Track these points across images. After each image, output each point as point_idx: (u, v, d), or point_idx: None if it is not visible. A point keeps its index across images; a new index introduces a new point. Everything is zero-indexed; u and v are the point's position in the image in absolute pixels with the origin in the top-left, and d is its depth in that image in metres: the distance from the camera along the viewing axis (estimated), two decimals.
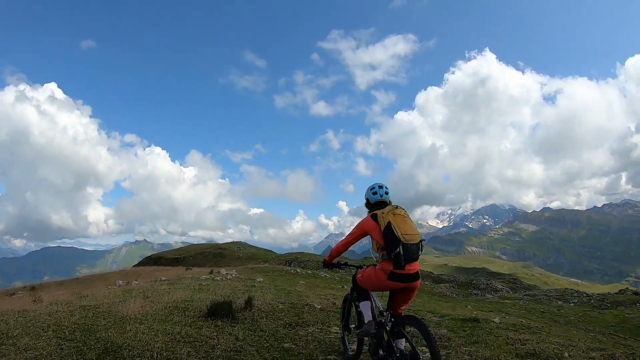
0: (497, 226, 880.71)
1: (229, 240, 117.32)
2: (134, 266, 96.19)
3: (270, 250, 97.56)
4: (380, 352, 6.33)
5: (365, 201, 7.15)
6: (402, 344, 6.24)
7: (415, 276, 6.22)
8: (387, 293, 6.73)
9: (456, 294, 38.80)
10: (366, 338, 7.10)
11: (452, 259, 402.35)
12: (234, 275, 24.35)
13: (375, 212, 6.60)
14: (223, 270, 27.59)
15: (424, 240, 6.55)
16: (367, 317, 6.63)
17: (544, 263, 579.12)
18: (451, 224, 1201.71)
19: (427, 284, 44.35)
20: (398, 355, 6.09)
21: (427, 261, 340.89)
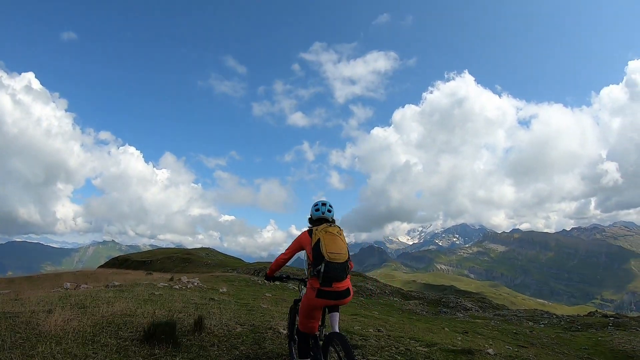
0: (467, 245, 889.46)
1: (198, 245, 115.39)
2: (99, 267, 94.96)
3: (239, 259, 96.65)
4: None
5: (309, 216, 7.29)
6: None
7: (345, 293, 6.39)
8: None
9: (426, 312, 38.62)
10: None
11: (421, 275, 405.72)
12: (195, 284, 22.83)
13: (312, 228, 6.75)
14: (185, 278, 25.41)
15: (350, 259, 6.69)
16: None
17: (512, 283, 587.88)
18: (421, 240, 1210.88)
19: (396, 300, 44.06)
20: None
21: (396, 277, 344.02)
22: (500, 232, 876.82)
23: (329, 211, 7.03)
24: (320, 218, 7.02)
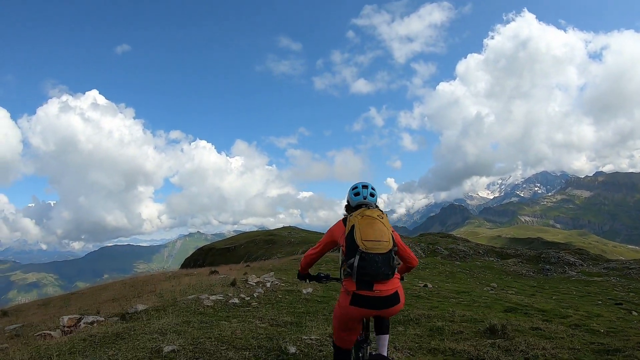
0: (550, 194, 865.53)
1: (280, 225, 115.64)
2: (187, 258, 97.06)
3: (322, 233, 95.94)
4: None
5: (345, 203, 5.50)
6: (386, 349, 5.59)
7: (392, 299, 4.54)
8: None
9: (532, 272, 36.72)
10: None
11: (505, 230, 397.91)
12: (268, 285, 17.14)
13: (348, 215, 4.97)
14: (253, 278, 18.51)
15: (395, 249, 4.67)
16: None
17: (600, 230, 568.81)
18: (502, 194, 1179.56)
19: (492, 260, 42.12)
20: None
21: (480, 233, 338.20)
22: (583, 176, 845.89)
23: (372, 195, 5.21)
24: (362, 204, 5.12)
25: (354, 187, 5.27)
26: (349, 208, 5.28)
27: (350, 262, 4.43)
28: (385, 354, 5.45)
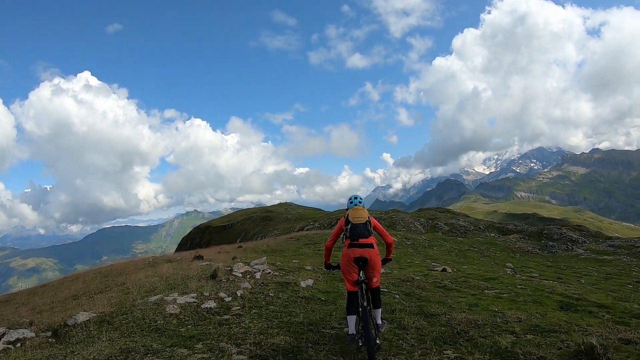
0: (546, 170, 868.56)
1: (277, 202, 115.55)
2: (184, 237, 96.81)
3: (319, 209, 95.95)
4: (365, 332, 6.97)
5: (346, 208, 8.73)
6: (380, 316, 8.02)
7: (369, 245, 7.71)
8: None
9: (538, 249, 35.98)
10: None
11: (501, 205, 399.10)
12: (257, 277, 13.95)
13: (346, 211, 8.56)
14: (240, 267, 15.08)
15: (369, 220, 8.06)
16: (350, 329, 7.57)
17: (596, 207, 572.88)
18: (498, 169, 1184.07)
19: (493, 236, 41.37)
20: (378, 328, 7.73)
21: (477, 208, 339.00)
22: (579, 153, 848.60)
23: (360, 202, 8.60)
24: (353, 206, 8.60)
25: (349, 199, 8.57)
26: (347, 209, 8.47)
27: (346, 229, 7.87)
28: (380, 322, 7.91)
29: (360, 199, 8.58)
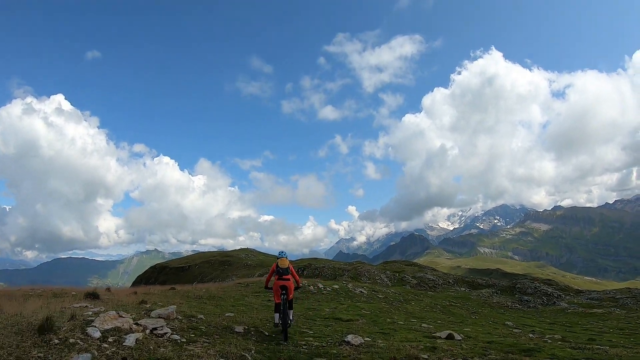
0: (509, 226, 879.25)
1: (239, 247, 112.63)
2: (139, 276, 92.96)
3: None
4: (283, 319, 13.64)
5: (277, 256, 15.37)
6: (291, 314, 14.80)
7: (287, 280, 14.42)
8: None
9: (518, 304, 34.23)
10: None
11: (464, 260, 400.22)
12: (130, 342, 9.05)
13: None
14: (108, 319, 10.14)
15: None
16: (276, 319, 14.11)
17: (558, 262, 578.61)
18: (462, 225, 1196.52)
19: (464, 291, 39.42)
20: (290, 318, 14.30)
21: (440, 263, 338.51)
22: (541, 210, 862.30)
23: (284, 255, 15.17)
24: (280, 257, 15.11)
25: (279, 253, 15.21)
26: (277, 258, 14.99)
27: (276, 270, 14.57)
28: (291, 317, 14.69)
29: (285, 253, 15.23)
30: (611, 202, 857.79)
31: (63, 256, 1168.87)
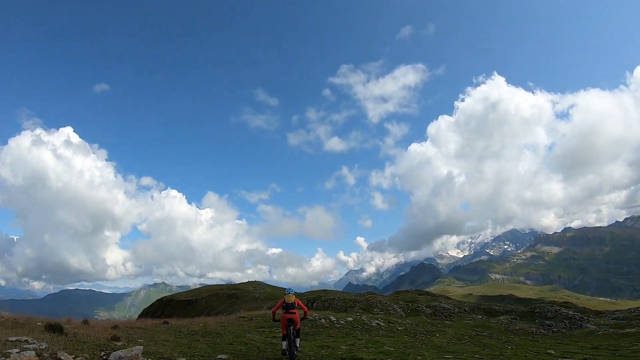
0: (519, 251, 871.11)
1: (247, 280, 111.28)
2: (145, 309, 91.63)
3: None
4: (289, 347, 15.95)
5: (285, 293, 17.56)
6: (298, 342, 16.69)
7: (294, 313, 16.33)
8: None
9: (543, 329, 32.52)
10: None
11: (476, 287, 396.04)
12: None
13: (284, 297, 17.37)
14: None
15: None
16: (283, 346, 16.25)
17: (571, 284, 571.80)
18: (472, 252, 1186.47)
19: (481, 319, 37.70)
20: (297, 346, 16.43)
21: (451, 292, 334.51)
22: (551, 233, 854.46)
23: (291, 291, 17.42)
24: (287, 294, 17.18)
25: (287, 290, 17.87)
26: (285, 294, 17.33)
27: (284, 305, 16.83)
28: (298, 345, 16.79)
29: (292, 290, 17.66)
30: (621, 220, 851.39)
31: (70, 287, 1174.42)
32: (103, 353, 10.27)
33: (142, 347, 11.60)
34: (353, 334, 24.41)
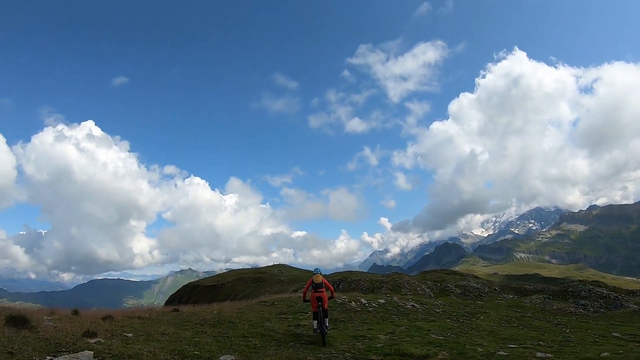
0: (544, 229, 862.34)
1: (273, 264, 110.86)
2: (172, 295, 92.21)
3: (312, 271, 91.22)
4: (320, 326, 16.23)
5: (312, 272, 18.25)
6: (327, 322, 16.76)
7: (322, 292, 17.04)
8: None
9: (582, 309, 31.42)
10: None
11: (501, 267, 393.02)
12: None
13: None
14: None
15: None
16: (314, 326, 16.62)
17: (597, 263, 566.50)
18: (496, 231, 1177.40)
19: (513, 298, 36.69)
20: (327, 325, 16.58)
21: (476, 271, 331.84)
22: (577, 211, 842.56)
23: (319, 271, 17.81)
24: (315, 273, 17.82)
25: (314, 269, 18.22)
26: (313, 274, 17.92)
27: (312, 284, 17.47)
28: (327, 325, 16.64)
29: (319, 270, 17.96)
30: None
31: (99, 277, 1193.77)
32: (49, 357, 9.00)
33: (92, 352, 9.79)
34: (389, 319, 21.51)
